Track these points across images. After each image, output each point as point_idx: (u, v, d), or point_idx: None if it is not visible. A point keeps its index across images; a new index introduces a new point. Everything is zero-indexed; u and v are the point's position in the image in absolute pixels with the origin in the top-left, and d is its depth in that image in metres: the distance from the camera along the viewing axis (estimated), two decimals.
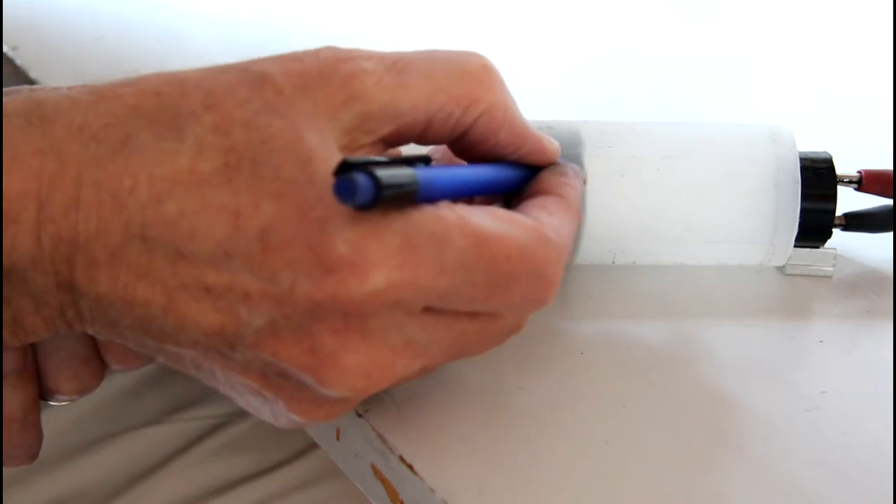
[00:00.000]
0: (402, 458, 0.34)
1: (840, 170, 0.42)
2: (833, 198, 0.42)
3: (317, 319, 0.29)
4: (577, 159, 0.41)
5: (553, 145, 0.37)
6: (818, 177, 0.42)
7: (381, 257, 0.28)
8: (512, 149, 0.35)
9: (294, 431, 0.50)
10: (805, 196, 0.41)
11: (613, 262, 0.43)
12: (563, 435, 0.35)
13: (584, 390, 0.37)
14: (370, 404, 0.35)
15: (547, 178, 0.36)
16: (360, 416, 0.35)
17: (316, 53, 0.31)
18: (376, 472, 0.35)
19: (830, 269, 0.44)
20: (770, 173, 0.41)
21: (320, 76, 0.31)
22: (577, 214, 0.36)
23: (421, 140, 0.34)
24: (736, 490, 0.33)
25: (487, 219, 0.31)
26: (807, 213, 0.41)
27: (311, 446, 0.55)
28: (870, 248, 0.45)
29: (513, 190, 0.37)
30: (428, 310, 0.31)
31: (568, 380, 0.38)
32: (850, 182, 0.43)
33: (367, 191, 0.27)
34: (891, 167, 0.44)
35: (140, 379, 0.58)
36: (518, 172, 0.36)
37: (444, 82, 0.33)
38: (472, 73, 0.33)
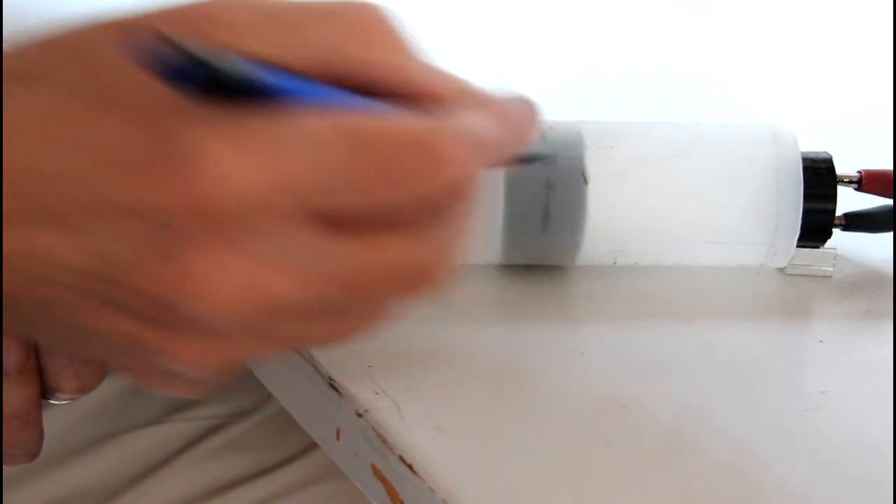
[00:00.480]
0: (402, 458, 0.34)
1: (840, 170, 0.42)
2: (833, 198, 0.42)
3: (181, 235, 0.27)
4: (578, 160, 0.41)
5: (461, 88, 0.32)
6: (818, 177, 0.42)
7: (238, 158, 0.26)
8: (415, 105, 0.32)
9: (294, 431, 0.50)
10: (805, 196, 0.41)
11: (615, 263, 0.43)
12: (563, 435, 0.35)
13: (584, 390, 0.37)
14: (370, 404, 0.35)
15: None
16: (360, 416, 0.35)
17: (192, 3, 0.29)
18: (376, 472, 0.35)
19: (830, 269, 0.44)
20: (771, 174, 0.41)
21: (189, 25, 0.29)
22: (504, 119, 0.32)
23: None
24: (736, 490, 0.33)
25: (370, 117, 0.28)
26: (807, 213, 0.41)
27: (311, 446, 0.55)
28: (870, 248, 0.45)
29: None
30: (315, 228, 0.28)
31: (568, 380, 0.38)
32: (850, 182, 0.43)
33: (170, 57, 0.25)
34: (891, 167, 0.44)
35: None
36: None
37: (332, 42, 0.30)
38: (364, 30, 0.31)
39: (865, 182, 0.44)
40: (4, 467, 0.52)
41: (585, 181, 0.40)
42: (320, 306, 0.29)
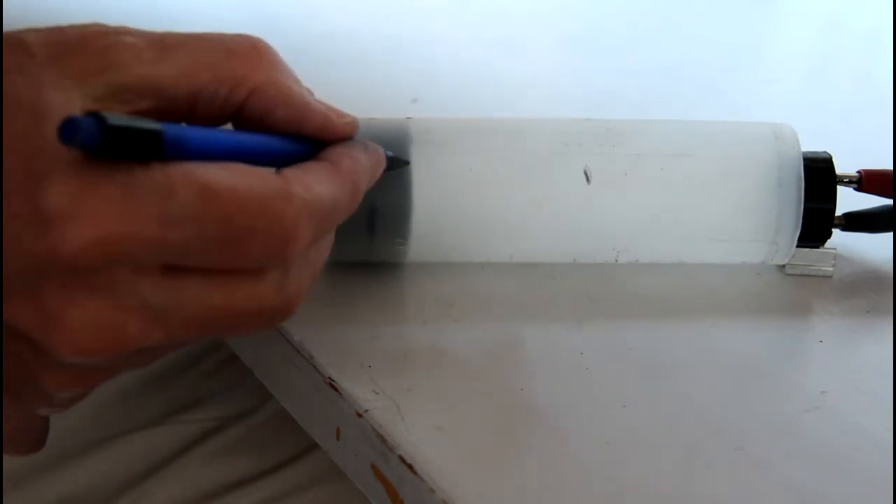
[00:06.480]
0: (402, 458, 0.34)
1: (840, 170, 0.42)
2: (833, 198, 0.42)
3: (43, 275, 0.28)
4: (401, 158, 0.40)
5: (345, 120, 0.36)
6: (818, 177, 0.42)
7: (96, 208, 0.28)
8: (293, 126, 0.35)
9: (294, 431, 0.50)
10: (805, 196, 0.41)
11: (616, 261, 0.43)
12: (563, 435, 0.35)
13: (584, 390, 0.37)
14: (370, 404, 0.35)
15: (329, 149, 0.36)
16: (359, 416, 0.35)
17: (82, 27, 0.32)
18: (376, 472, 0.35)
19: (830, 269, 0.44)
20: (773, 171, 0.42)
21: (77, 46, 0.31)
22: (349, 181, 0.35)
23: (189, 120, 0.33)
24: (736, 490, 0.33)
25: (221, 172, 0.30)
26: (807, 213, 0.42)
27: (311, 447, 0.55)
28: (870, 248, 0.45)
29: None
30: (168, 271, 0.30)
31: (568, 380, 0.38)
32: (850, 182, 0.44)
33: (89, 129, 0.26)
34: (891, 167, 0.44)
35: (140, 381, 0.58)
36: (302, 147, 0.35)
37: (208, 60, 0.33)
38: (238, 52, 0.33)
39: (865, 182, 0.44)
40: (5, 469, 0.52)
41: (588, 179, 0.41)
42: (174, 342, 0.31)
